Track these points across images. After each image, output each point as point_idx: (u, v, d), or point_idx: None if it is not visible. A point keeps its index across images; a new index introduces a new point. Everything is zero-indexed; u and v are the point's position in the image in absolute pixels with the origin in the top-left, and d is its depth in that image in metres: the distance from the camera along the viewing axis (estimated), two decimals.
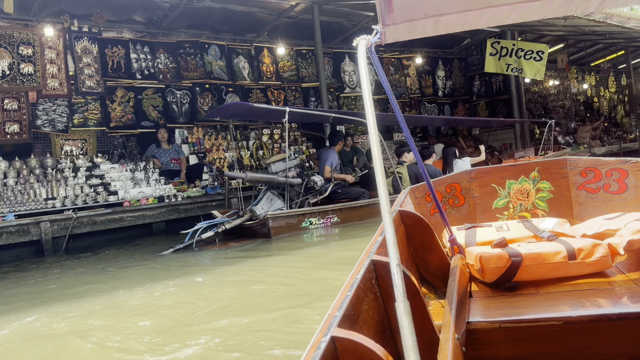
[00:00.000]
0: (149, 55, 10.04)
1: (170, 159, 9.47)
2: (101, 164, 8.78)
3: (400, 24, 1.60)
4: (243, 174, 7.21)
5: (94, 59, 9.32)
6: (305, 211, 6.91)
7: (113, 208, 7.90)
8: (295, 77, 11.85)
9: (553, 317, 1.56)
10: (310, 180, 7.35)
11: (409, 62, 14.11)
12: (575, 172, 2.64)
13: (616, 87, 20.60)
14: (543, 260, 1.85)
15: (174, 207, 8.44)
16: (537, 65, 10.67)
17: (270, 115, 8.59)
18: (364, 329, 1.18)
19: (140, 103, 9.83)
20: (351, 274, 1.33)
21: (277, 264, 5.15)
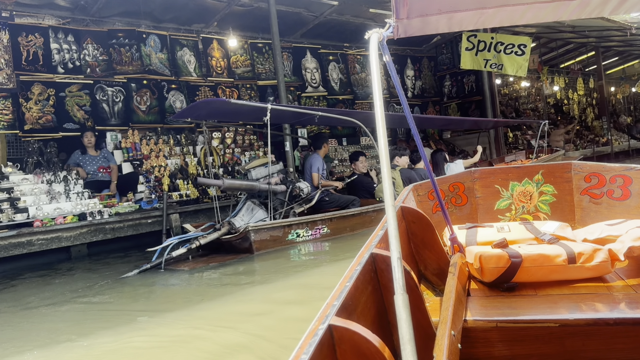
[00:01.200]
0: (74, 46, 8.48)
1: (98, 167, 7.93)
2: (11, 174, 7.16)
3: (413, 19, 1.57)
4: (219, 180, 6.32)
5: (4, 48, 7.70)
6: (292, 222, 6.06)
7: (18, 229, 6.33)
8: (250, 73, 10.47)
9: (550, 319, 1.56)
10: (295, 187, 6.54)
11: None
12: (579, 176, 2.63)
13: (584, 89, 20.07)
14: (543, 263, 1.84)
15: (98, 227, 6.91)
16: (519, 60, 9.67)
17: (249, 114, 7.52)
18: (361, 320, 1.18)
19: (63, 101, 8.24)
20: (351, 266, 1.34)
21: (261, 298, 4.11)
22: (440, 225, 2.32)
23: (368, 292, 1.33)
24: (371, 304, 1.33)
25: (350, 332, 1.01)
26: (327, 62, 11.81)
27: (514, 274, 1.83)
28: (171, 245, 5.65)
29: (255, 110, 6.65)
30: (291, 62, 11.14)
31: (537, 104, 17.56)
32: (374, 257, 1.43)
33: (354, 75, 12.30)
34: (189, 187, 8.33)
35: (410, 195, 2.49)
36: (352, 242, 6.01)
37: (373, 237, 1.62)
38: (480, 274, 1.90)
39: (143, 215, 7.33)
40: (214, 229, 5.98)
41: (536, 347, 1.57)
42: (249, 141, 9.99)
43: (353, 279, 1.24)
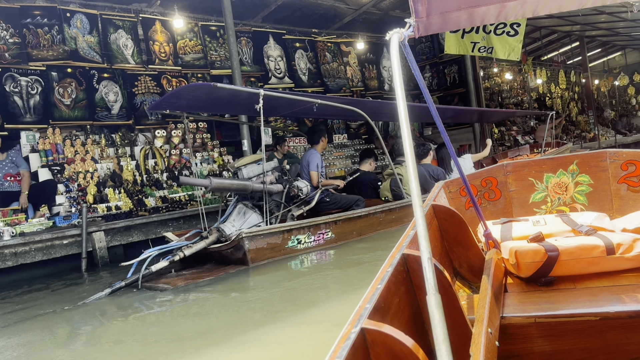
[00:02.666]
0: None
1: (4, 174, 6.28)
2: None
3: (433, 17, 1.53)
4: (206, 180, 5.37)
5: None
6: (292, 226, 5.24)
7: None
8: (202, 61, 8.92)
9: (590, 312, 1.53)
10: (293, 187, 5.72)
11: (348, 47, 11.53)
12: (615, 165, 2.55)
13: (566, 83, 19.10)
14: (580, 255, 1.79)
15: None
16: (512, 42, 8.38)
17: (237, 103, 6.27)
18: (394, 322, 1.18)
19: None
20: (382, 268, 1.32)
21: (261, 338, 3.02)
22: (475, 222, 2.28)
23: (401, 293, 1.32)
24: (405, 305, 1.32)
25: (383, 334, 1.01)
26: (293, 49, 10.34)
27: (551, 268, 1.78)
28: (150, 258, 4.75)
29: (245, 98, 5.66)
30: (251, 48, 9.63)
31: (521, 97, 16.41)
32: (406, 257, 1.42)
33: (324, 65, 10.86)
34: (122, 197, 6.74)
35: (441, 193, 2.47)
36: (361, 249, 5.28)
37: (404, 238, 1.60)
38: (516, 270, 1.85)
39: (56, 234, 5.72)
40: (201, 237, 5.14)
41: (577, 342, 1.53)
42: (201, 140, 8.43)
43: (385, 280, 1.22)
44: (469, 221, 2.10)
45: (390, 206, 6.18)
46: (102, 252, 6.02)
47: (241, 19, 9.63)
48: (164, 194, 7.07)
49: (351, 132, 11.36)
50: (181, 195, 7.15)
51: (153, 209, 6.68)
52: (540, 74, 17.45)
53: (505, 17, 1.55)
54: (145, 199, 6.81)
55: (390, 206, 6.19)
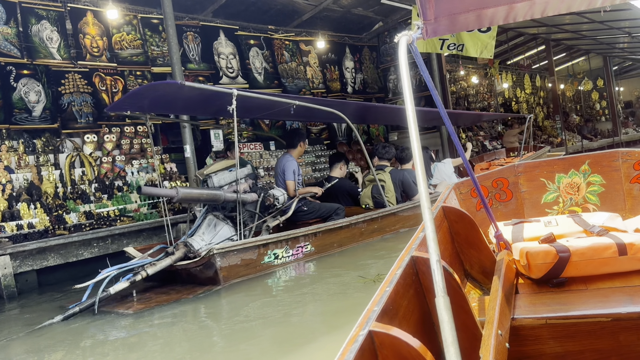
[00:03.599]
0: None
1: None
2: None
3: (441, 19, 1.54)
4: (172, 190, 4.92)
5: None
6: (268, 240, 4.85)
7: None
8: (142, 57, 7.97)
9: (602, 313, 1.51)
10: (268, 196, 5.31)
11: (308, 46, 10.74)
12: (628, 164, 2.54)
13: (532, 88, 18.84)
14: (592, 256, 1.78)
15: None
16: (484, 39, 7.76)
17: (206, 104, 5.73)
18: (403, 324, 1.18)
19: None
20: (391, 270, 1.33)
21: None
22: (486, 223, 2.22)
23: (410, 296, 1.32)
24: (414, 307, 1.32)
25: (391, 337, 1.01)
26: (247, 47, 9.48)
27: (562, 269, 1.76)
28: (108, 279, 4.33)
29: (216, 98, 5.16)
30: (199, 44, 8.72)
31: (488, 101, 15.97)
32: (415, 260, 1.42)
33: (282, 65, 10.03)
34: (38, 212, 5.73)
35: (452, 194, 2.46)
36: (343, 263, 4.97)
37: (413, 240, 1.61)
38: (527, 271, 1.83)
39: None
40: (166, 253, 4.70)
41: (589, 343, 1.51)
42: (139, 145, 7.47)
43: (393, 283, 1.23)
44: (480, 222, 2.11)
45: (372, 215, 5.78)
46: (8, 280, 5.02)
47: (188, 12, 8.73)
48: (90, 209, 6.09)
49: (312, 138, 10.56)
50: (110, 209, 6.18)
51: (75, 226, 5.71)
52: (506, 78, 17.09)
53: (514, 17, 1.53)
54: (66, 215, 5.82)
55: (372, 215, 5.79)
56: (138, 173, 7.07)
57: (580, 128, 19.60)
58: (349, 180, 6.87)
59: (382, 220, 5.90)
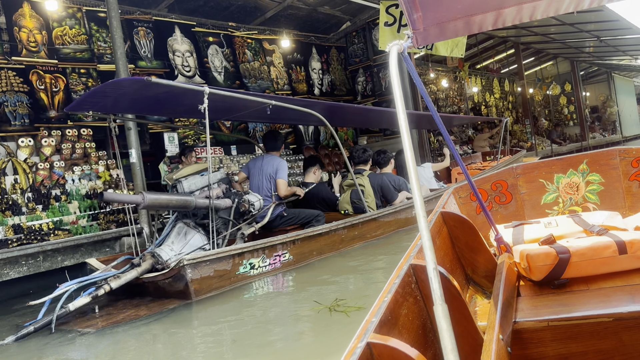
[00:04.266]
0: None
1: None
2: None
3: (430, 28, 1.55)
4: (138, 196, 4.46)
5: None
6: (244, 249, 4.50)
7: None
8: (87, 53, 7.28)
9: (603, 313, 1.51)
10: (243, 202, 5.01)
11: (272, 45, 10.18)
12: (626, 162, 2.57)
13: (500, 92, 18.73)
14: (592, 256, 1.78)
15: None
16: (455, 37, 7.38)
17: (178, 103, 5.30)
18: (403, 334, 1.19)
19: None
20: (390, 279, 1.32)
21: None
22: (487, 226, 2.21)
23: (409, 304, 1.31)
24: (413, 316, 1.31)
25: (389, 348, 1.00)
26: (205, 44, 8.86)
27: (563, 270, 1.76)
28: (67, 293, 3.97)
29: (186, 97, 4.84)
30: (151, 41, 8.07)
31: (459, 105, 15.70)
32: (414, 268, 1.41)
33: (244, 64, 9.44)
34: None
35: (451, 199, 2.47)
36: (322, 272, 4.69)
37: (412, 248, 1.60)
38: (528, 273, 1.82)
39: None
40: (132, 265, 4.41)
41: (592, 344, 1.51)
42: (82, 150, 6.76)
43: (392, 292, 1.22)
44: (480, 226, 2.14)
45: (352, 221, 5.51)
46: None
47: (140, 6, 8.08)
48: (20, 222, 5.38)
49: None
50: (44, 222, 5.48)
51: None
52: (475, 82, 16.90)
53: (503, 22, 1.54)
54: None
55: (353, 221, 5.51)
56: (79, 181, 6.37)
57: (550, 133, 19.59)
58: (325, 186, 6.58)
59: (362, 227, 5.65)
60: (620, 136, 23.29)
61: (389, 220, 6.00)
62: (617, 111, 23.89)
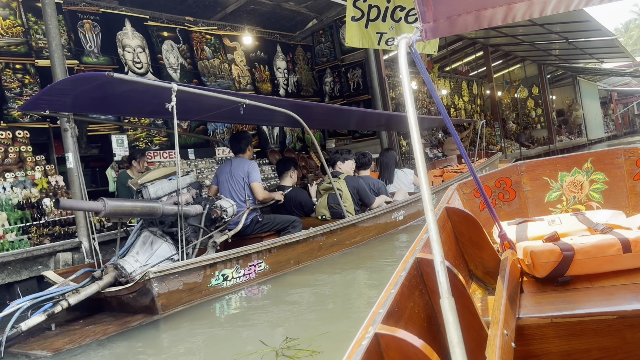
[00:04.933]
0: None
1: None
2: None
3: (440, 21, 1.55)
4: (98, 202, 3.98)
5: None
6: (216, 259, 4.12)
7: None
8: (23, 47, 6.55)
9: (607, 311, 1.52)
10: (215, 208, 4.65)
11: (233, 42, 9.59)
12: (630, 161, 2.55)
13: (469, 95, 18.57)
14: (596, 254, 1.78)
15: None
16: None
17: (144, 101, 4.84)
18: (409, 326, 1.19)
19: None
20: (396, 272, 1.32)
21: None
22: (490, 222, 2.24)
23: (415, 297, 1.32)
24: (419, 309, 1.32)
25: (397, 339, 1.00)
26: (159, 39, 8.21)
27: (567, 267, 1.77)
28: (19, 312, 3.58)
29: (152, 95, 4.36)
30: (98, 34, 7.37)
31: (428, 107, 15.39)
32: (419, 261, 1.42)
33: (202, 61, 8.82)
34: None
35: (455, 195, 2.46)
36: (300, 282, 4.43)
37: (417, 242, 1.61)
38: (532, 270, 1.83)
39: None
40: (92, 278, 4.09)
41: (595, 341, 1.52)
42: (16, 155, 6.03)
43: (398, 285, 1.23)
44: (484, 222, 2.13)
45: (331, 227, 5.18)
46: None
47: None
48: None
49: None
50: None
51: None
52: (444, 84, 16.65)
53: (513, 18, 1.53)
54: None
55: (331, 227, 5.19)
56: (12, 189, 5.64)
57: (518, 136, 19.55)
58: (302, 190, 6.31)
59: (341, 233, 5.33)
60: (586, 139, 23.53)
61: (368, 226, 5.72)
62: (583, 114, 24.14)
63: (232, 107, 4.84)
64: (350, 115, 7.76)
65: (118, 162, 7.01)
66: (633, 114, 37.75)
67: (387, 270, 4.31)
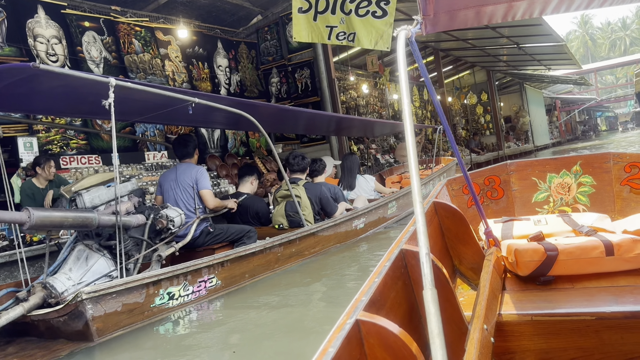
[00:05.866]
0: None
1: None
2: None
3: (440, 14, 1.53)
4: (23, 213, 3.39)
5: None
6: (160, 276, 3.65)
7: None
8: None
9: (586, 312, 1.53)
10: (160, 218, 4.13)
11: (167, 36, 8.70)
12: (619, 166, 2.58)
13: (420, 100, 18.31)
14: (579, 255, 1.80)
15: None
16: (379, 26, 6.30)
17: (75, 98, 4.20)
18: (390, 315, 1.20)
19: None
20: (380, 262, 1.34)
21: None
22: (477, 219, 2.28)
23: (398, 288, 1.33)
24: (402, 300, 1.33)
25: (378, 326, 1.01)
26: (79, 30, 7.24)
27: (550, 267, 1.78)
28: None
29: (85, 90, 3.82)
30: (3, 21, 6.35)
31: (380, 112, 14.91)
32: (404, 253, 1.42)
33: (130, 56, 7.89)
34: None
35: (444, 190, 2.48)
36: (257, 296, 4.03)
37: (404, 234, 1.61)
38: (515, 268, 1.86)
39: None
40: (17, 299, 3.52)
41: (573, 340, 1.54)
42: None
43: (382, 274, 1.24)
44: (470, 219, 2.14)
45: (289, 237, 4.83)
46: None
47: None
48: None
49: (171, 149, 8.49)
50: None
51: None
52: (395, 89, 16.26)
53: (514, 16, 1.51)
54: None
55: (290, 237, 4.84)
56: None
57: (468, 142, 19.45)
58: (259, 198, 5.91)
59: (300, 243, 5.00)
60: (533, 145, 23.86)
61: (328, 235, 5.40)
62: (529, 121, 24.49)
63: (179, 107, 4.23)
64: (311, 119, 7.14)
65: (24, 169, 6.01)
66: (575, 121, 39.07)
67: (348, 286, 4.06)
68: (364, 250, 5.42)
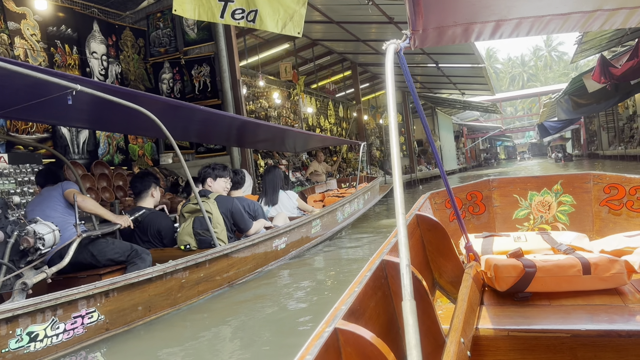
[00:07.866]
0: None
1: None
2: None
3: (429, 30, 1.55)
4: None
5: None
6: (17, 310, 2.87)
7: None
8: None
9: (562, 329, 1.55)
10: (26, 235, 3.45)
11: (21, 8, 6.72)
12: (599, 187, 2.61)
13: (335, 117, 17.26)
14: (557, 273, 1.81)
15: None
16: (289, 3, 4.86)
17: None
18: (369, 325, 1.20)
19: None
20: (361, 272, 1.33)
21: None
22: (458, 234, 2.32)
23: (377, 298, 1.33)
24: (381, 310, 1.33)
25: (356, 335, 1.01)
26: None
27: (527, 283, 1.79)
28: None
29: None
30: None
31: (293, 125, 13.53)
32: (385, 263, 1.43)
33: None
34: None
35: (426, 204, 2.49)
36: (152, 343, 3.24)
37: (385, 245, 1.62)
38: (494, 283, 1.86)
39: None
40: None
41: (548, 357, 1.55)
42: None
43: (362, 284, 1.23)
44: (452, 233, 2.16)
45: (197, 259, 3.97)
46: None
47: None
48: None
49: (20, 152, 6.46)
50: None
51: None
52: (310, 102, 15.03)
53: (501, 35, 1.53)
54: None
55: (198, 259, 3.98)
56: None
57: (382, 163, 18.68)
58: (163, 213, 4.98)
59: (210, 266, 4.20)
60: None
61: (244, 257, 4.60)
62: (440, 146, 24.44)
63: (53, 97, 3.19)
64: (211, 121, 5.50)
65: None
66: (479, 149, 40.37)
67: (263, 339, 3.10)
68: (286, 283, 4.53)
